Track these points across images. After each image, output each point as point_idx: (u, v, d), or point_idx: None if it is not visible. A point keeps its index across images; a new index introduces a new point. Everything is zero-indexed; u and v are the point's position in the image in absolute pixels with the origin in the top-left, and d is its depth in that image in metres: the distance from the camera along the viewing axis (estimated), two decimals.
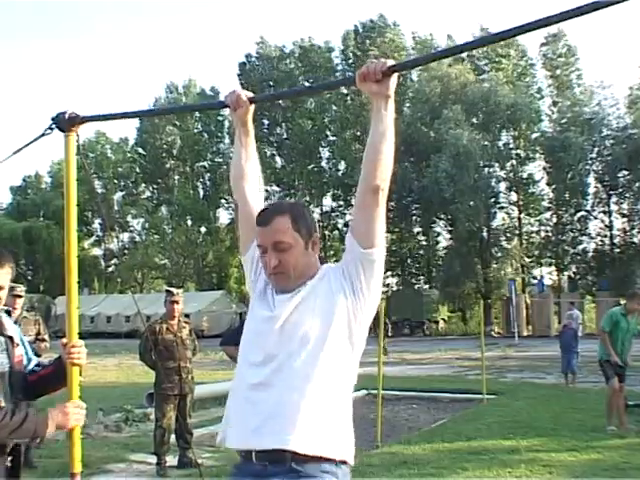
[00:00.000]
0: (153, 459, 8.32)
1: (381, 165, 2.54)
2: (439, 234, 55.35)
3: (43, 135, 3.16)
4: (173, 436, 8.41)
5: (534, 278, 51.65)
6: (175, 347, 8.32)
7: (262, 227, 2.63)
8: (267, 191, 60.05)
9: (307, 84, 55.31)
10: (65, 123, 3.14)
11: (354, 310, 2.57)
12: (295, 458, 2.42)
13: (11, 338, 3.28)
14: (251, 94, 2.89)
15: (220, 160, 64.03)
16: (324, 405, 2.47)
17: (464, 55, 50.75)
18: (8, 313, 3.48)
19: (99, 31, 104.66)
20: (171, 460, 8.34)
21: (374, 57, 2.58)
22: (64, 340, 3.15)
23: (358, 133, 57.47)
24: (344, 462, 2.52)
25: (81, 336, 3.22)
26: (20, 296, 8.40)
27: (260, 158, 3.08)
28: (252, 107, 2.90)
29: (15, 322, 8.22)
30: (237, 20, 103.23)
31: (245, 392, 2.56)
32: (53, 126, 3.15)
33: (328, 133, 59.28)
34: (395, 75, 2.48)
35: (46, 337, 8.60)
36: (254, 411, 2.49)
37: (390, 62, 2.45)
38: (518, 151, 50.17)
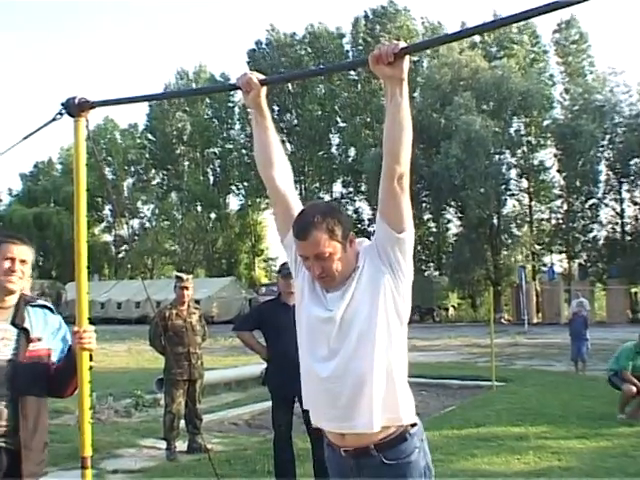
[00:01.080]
0: (163, 444, 8.37)
1: (403, 151, 2.59)
2: (449, 221, 55.16)
3: (53, 120, 3.16)
4: (183, 421, 8.45)
5: (544, 265, 51.45)
6: (185, 333, 8.34)
7: (301, 241, 2.73)
8: None
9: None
10: (75, 108, 3.14)
11: (397, 288, 2.73)
12: (378, 448, 2.73)
13: (26, 331, 3.29)
14: (262, 76, 2.87)
15: (230, 146, 63.97)
16: (388, 384, 2.71)
17: (476, 41, 50.50)
18: (51, 310, 3.52)
19: (110, 17, 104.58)
20: (181, 445, 8.38)
21: (382, 43, 2.57)
22: (75, 328, 3.16)
23: (368, 119, 57.28)
24: (414, 424, 2.81)
25: (91, 322, 3.23)
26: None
27: None
28: (264, 89, 2.89)
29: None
30: (247, 6, 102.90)
31: (319, 385, 2.78)
32: (63, 111, 3.15)
33: (338, 119, 59.10)
34: (407, 57, 2.47)
35: None
36: (334, 404, 2.73)
37: (402, 44, 2.45)
38: (529, 138, 49.88)
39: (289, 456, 6.66)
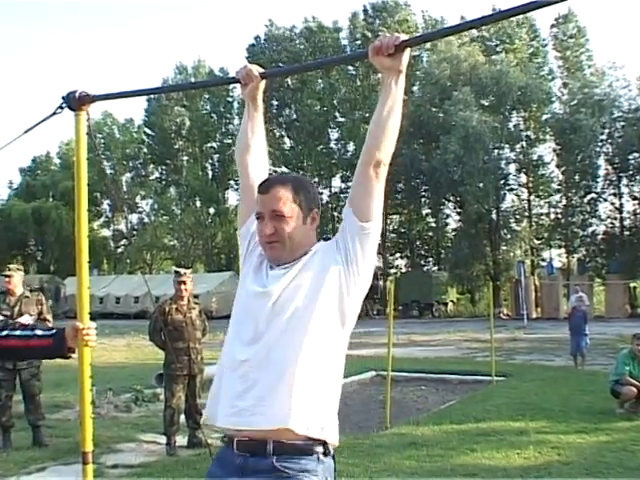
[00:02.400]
0: (163, 439, 8.37)
1: (386, 139, 2.53)
2: (448, 216, 55.18)
3: (54, 114, 3.14)
4: (182, 416, 8.45)
5: (543, 260, 51.51)
6: (184, 328, 8.35)
7: (262, 195, 2.61)
8: (275, 172, 59.79)
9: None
10: (75, 102, 3.13)
11: (347, 283, 2.53)
12: (277, 450, 2.38)
13: None
14: (262, 69, 2.87)
15: (229, 141, 63.85)
16: (313, 384, 2.43)
17: (475, 35, 50.45)
18: None
19: (110, 11, 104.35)
20: (180, 440, 8.38)
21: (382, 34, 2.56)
22: (78, 324, 3.14)
23: (367, 114, 57.12)
24: (326, 450, 2.47)
25: (91, 317, 3.22)
26: (8, 275, 8.45)
27: (269, 139, 3.06)
28: (263, 82, 2.88)
29: (17, 302, 8.33)
30: (246, 0, 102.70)
31: (235, 370, 2.51)
32: (64, 105, 3.14)
33: (337, 114, 59.01)
34: (408, 50, 2.46)
35: (49, 317, 8.65)
36: (244, 390, 2.44)
37: (403, 36, 2.44)
38: (528, 133, 49.87)
39: None
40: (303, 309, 2.47)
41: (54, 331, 3.24)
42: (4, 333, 3.26)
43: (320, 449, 2.44)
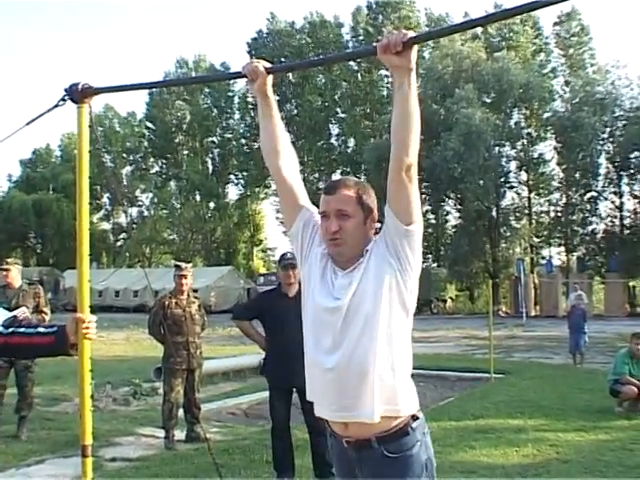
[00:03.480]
0: (161, 433, 8.37)
1: (410, 142, 2.58)
2: (448, 213, 55.09)
3: (57, 106, 3.12)
4: (181, 410, 8.45)
5: (543, 258, 51.49)
6: (184, 322, 8.34)
7: (328, 195, 2.80)
8: None
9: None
10: (78, 94, 3.11)
11: (403, 281, 2.73)
12: (379, 440, 2.73)
13: None
14: (268, 64, 2.85)
15: (230, 135, 63.88)
16: (391, 375, 2.72)
17: (478, 32, 50.36)
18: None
19: (112, 4, 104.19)
20: (179, 434, 8.38)
21: (388, 33, 2.56)
22: (80, 315, 3.12)
23: (368, 110, 57.20)
24: (417, 418, 2.81)
25: (91, 310, 3.21)
26: (5, 269, 8.47)
27: None
28: (270, 77, 2.87)
29: (15, 295, 8.36)
30: None
31: (324, 376, 2.78)
32: (66, 97, 3.12)
33: (338, 110, 58.97)
34: (415, 47, 2.44)
35: (46, 309, 8.67)
36: (339, 395, 2.74)
37: (411, 33, 2.42)
38: (529, 130, 49.79)
39: (287, 446, 6.69)
40: (372, 314, 2.70)
41: (55, 328, 3.23)
42: (9, 330, 3.26)
43: (410, 421, 2.78)
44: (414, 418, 2.79)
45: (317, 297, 2.82)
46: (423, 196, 49.64)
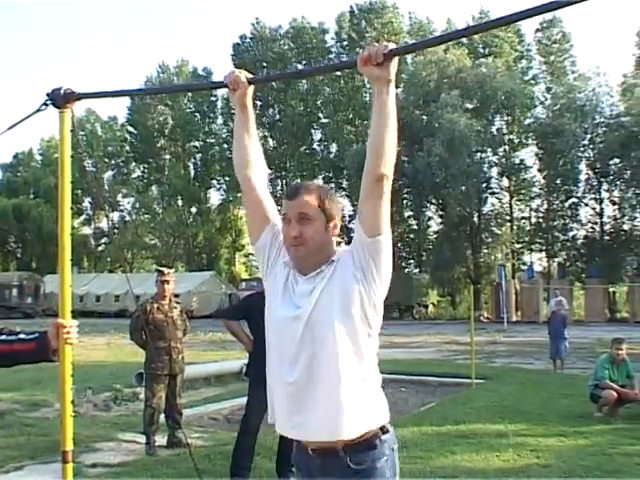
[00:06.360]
0: (142, 438, 8.33)
1: (385, 153, 2.56)
2: (430, 218, 55.30)
3: (39, 111, 3.11)
4: (162, 416, 8.42)
5: (524, 264, 51.81)
6: (166, 327, 8.31)
7: (290, 200, 2.76)
8: None
9: (300, 66, 55.11)
10: (61, 99, 3.10)
11: (367, 295, 2.67)
12: (347, 450, 2.64)
13: None
14: (250, 75, 2.85)
15: (212, 140, 63.81)
16: (355, 389, 2.64)
17: (462, 39, 50.58)
18: None
19: (92, 10, 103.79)
20: (160, 440, 8.34)
21: (371, 40, 2.57)
22: (61, 321, 3.12)
23: (350, 116, 57.33)
24: (384, 428, 2.74)
25: (71, 315, 3.20)
26: None
27: None
28: (251, 88, 2.87)
29: None
30: (231, 0, 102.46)
31: (284, 390, 2.71)
32: (48, 102, 3.11)
33: (320, 115, 59.10)
34: (396, 59, 2.46)
35: None
36: (298, 410, 2.67)
37: (391, 45, 2.44)
38: (511, 137, 50.16)
39: (252, 446, 6.76)
40: (334, 326, 2.62)
41: (37, 334, 3.22)
42: None
43: (379, 433, 2.70)
44: (383, 431, 2.72)
45: (279, 307, 2.77)
46: (405, 201, 49.94)
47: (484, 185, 48.00)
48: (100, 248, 69.61)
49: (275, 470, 6.77)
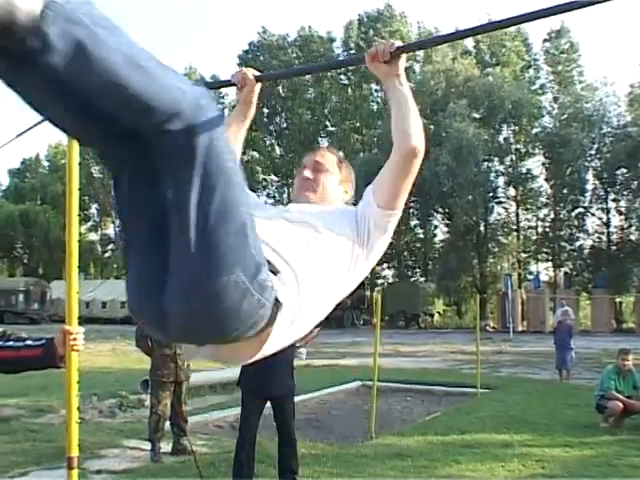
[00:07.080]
0: (147, 445, 8.32)
1: (413, 131, 2.43)
2: (436, 227, 55.32)
3: None
4: (167, 423, 8.42)
5: (530, 274, 51.70)
6: None
7: (311, 153, 2.79)
8: (265, 180, 60.01)
9: (307, 76, 55.16)
10: None
11: (354, 260, 2.36)
12: None
13: None
14: (257, 72, 2.84)
15: None
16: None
17: (470, 48, 50.67)
18: None
19: None
20: (165, 447, 8.33)
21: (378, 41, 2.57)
22: (67, 327, 3.13)
23: (358, 124, 57.38)
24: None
25: (78, 321, 3.21)
26: None
27: (259, 147, 3.05)
28: (258, 86, 2.86)
29: None
30: (240, 8, 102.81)
31: None
32: None
33: (327, 123, 59.17)
34: (404, 56, 2.46)
35: None
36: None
37: (398, 43, 2.45)
38: (518, 146, 50.14)
39: (251, 457, 6.70)
40: (315, 227, 2.32)
41: (44, 341, 3.24)
42: None
43: None
44: None
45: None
46: (411, 210, 49.92)
47: (491, 194, 47.99)
48: (107, 254, 69.69)
49: (278, 478, 6.76)
